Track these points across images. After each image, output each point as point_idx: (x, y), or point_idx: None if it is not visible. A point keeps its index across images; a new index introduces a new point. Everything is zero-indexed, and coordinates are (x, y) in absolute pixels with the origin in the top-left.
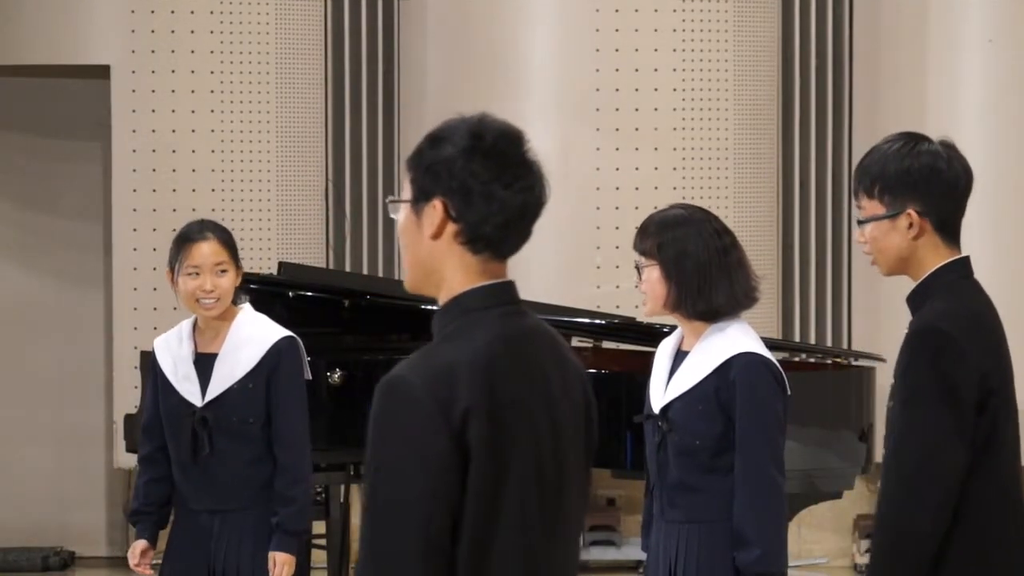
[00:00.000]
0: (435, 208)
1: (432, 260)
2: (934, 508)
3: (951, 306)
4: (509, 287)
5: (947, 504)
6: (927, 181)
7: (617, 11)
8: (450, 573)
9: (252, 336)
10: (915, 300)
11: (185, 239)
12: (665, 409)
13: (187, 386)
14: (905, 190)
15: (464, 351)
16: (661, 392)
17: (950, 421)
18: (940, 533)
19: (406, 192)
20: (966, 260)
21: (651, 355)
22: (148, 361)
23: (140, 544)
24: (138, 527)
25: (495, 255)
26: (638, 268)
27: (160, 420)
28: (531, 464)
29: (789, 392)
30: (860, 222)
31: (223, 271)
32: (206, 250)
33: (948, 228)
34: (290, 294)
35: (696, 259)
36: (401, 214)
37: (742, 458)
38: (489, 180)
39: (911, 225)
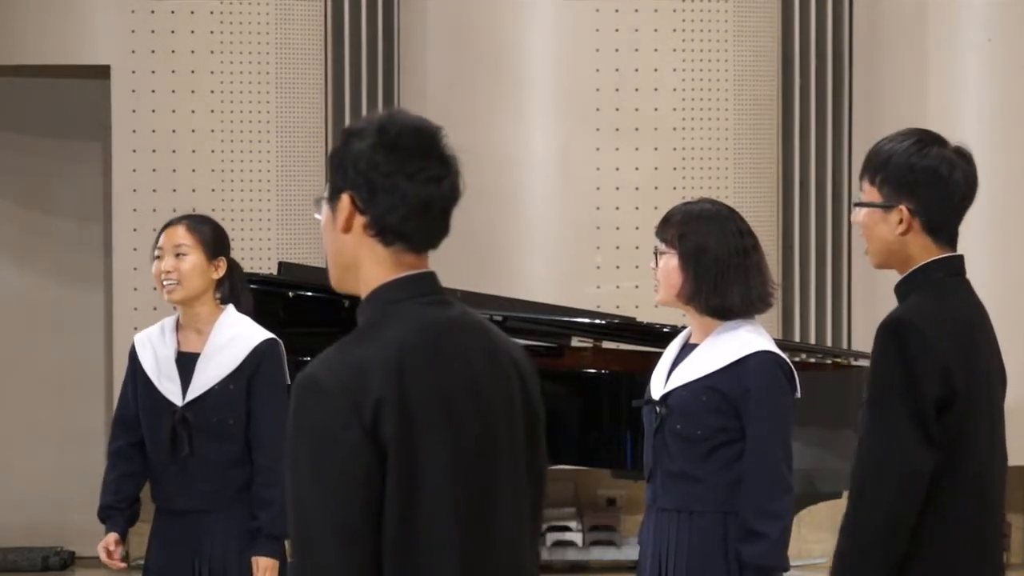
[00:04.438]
0: (343, 202)
1: (346, 254)
2: (893, 506)
3: (927, 302)
4: (427, 278)
5: (907, 502)
6: (926, 183)
7: (617, 11)
8: (375, 565)
9: (235, 337)
10: (900, 292)
11: (164, 225)
12: (666, 396)
13: (168, 385)
14: (903, 186)
15: (375, 345)
16: (663, 379)
17: (912, 418)
18: (903, 532)
19: (327, 190)
20: (957, 259)
21: (651, 355)
22: (128, 355)
23: (113, 536)
24: (108, 522)
25: (408, 247)
26: (656, 253)
27: (136, 414)
28: (450, 452)
29: (799, 393)
30: (855, 204)
31: (182, 254)
32: (170, 234)
33: (940, 232)
34: (290, 294)
35: (716, 255)
36: (323, 211)
37: (754, 454)
38: (391, 172)
39: (901, 221)
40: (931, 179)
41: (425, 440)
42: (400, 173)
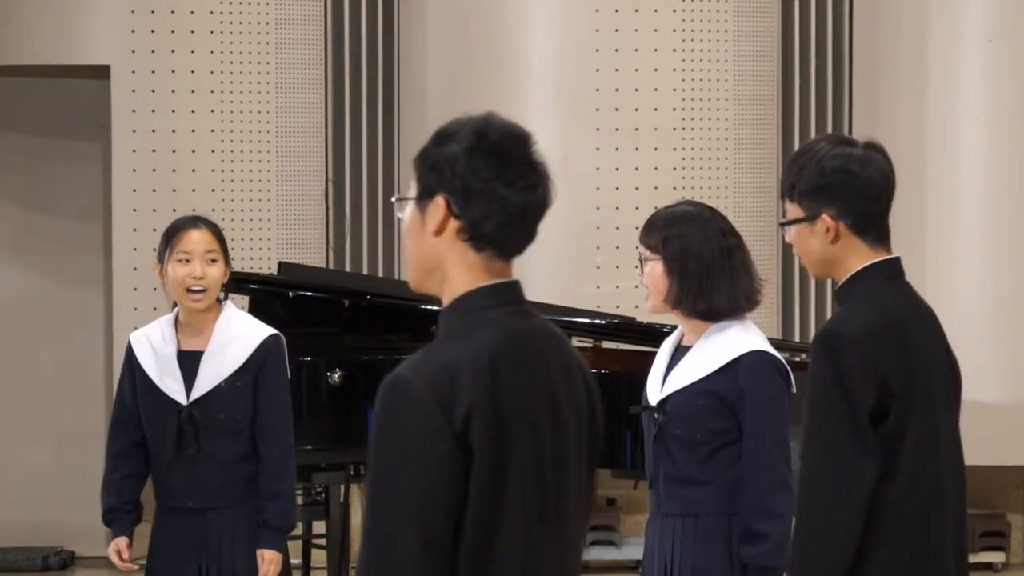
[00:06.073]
0: (438, 205)
1: (434, 257)
2: (845, 515)
3: (860, 310)
4: (514, 287)
5: (858, 509)
6: (839, 185)
7: (617, 11)
8: (451, 568)
9: (239, 333)
10: (839, 301)
11: (177, 228)
12: (663, 402)
13: (170, 384)
14: (819, 194)
15: (466, 350)
16: (659, 385)
17: (848, 427)
18: (854, 538)
19: (412, 190)
20: (891, 262)
21: (651, 355)
22: (124, 355)
23: (123, 541)
24: (114, 525)
25: (498, 254)
26: (641, 261)
27: (135, 415)
28: (532, 464)
29: (794, 389)
30: (781, 224)
31: (213, 260)
32: (197, 237)
33: (870, 230)
34: (290, 294)
35: (700, 258)
36: (407, 212)
37: (752, 453)
38: (490, 178)
39: (828, 229)
40: (843, 180)
41: (511, 447)
42: (499, 180)
